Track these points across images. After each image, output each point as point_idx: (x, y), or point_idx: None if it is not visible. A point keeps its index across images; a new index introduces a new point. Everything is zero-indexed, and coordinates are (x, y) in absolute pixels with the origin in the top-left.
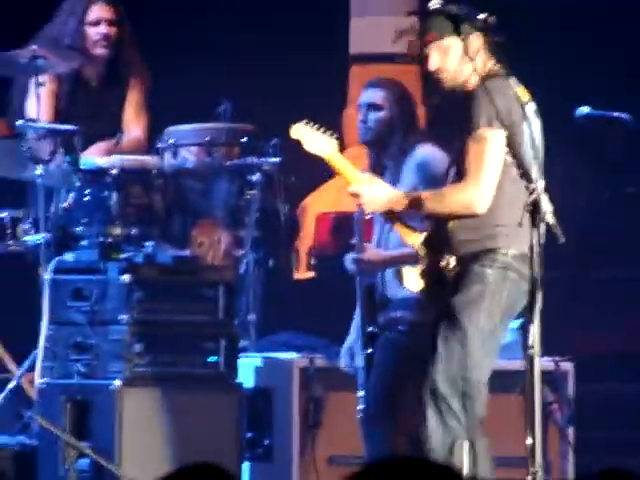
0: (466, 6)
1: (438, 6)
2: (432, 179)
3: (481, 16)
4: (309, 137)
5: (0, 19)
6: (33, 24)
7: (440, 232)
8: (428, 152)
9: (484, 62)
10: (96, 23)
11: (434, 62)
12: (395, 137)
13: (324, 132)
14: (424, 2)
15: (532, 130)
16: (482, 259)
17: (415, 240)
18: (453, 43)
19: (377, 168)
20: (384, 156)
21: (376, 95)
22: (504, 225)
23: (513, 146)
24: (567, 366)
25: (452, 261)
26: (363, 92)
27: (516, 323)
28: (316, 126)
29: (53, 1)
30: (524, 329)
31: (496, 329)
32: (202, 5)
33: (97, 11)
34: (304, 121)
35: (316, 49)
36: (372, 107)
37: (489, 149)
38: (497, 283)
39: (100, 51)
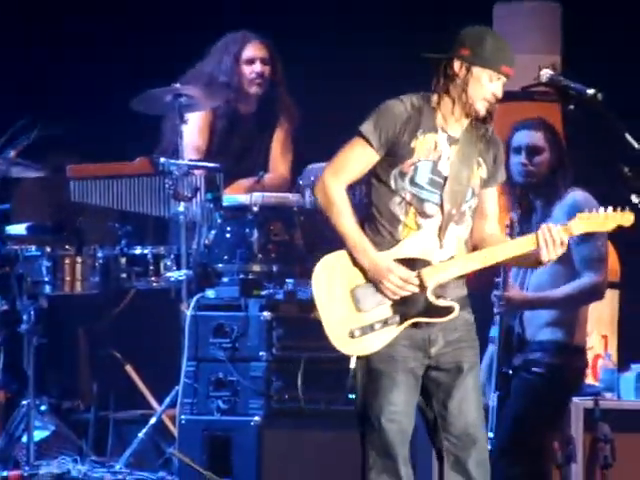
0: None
1: (549, 76)
2: None
3: (590, 91)
4: None
5: (149, 58)
6: (182, 64)
7: None
8: (580, 195)
9: None
10: (251, 61)
11: None
12: (555, 179)
13: None
14: (569, 43)
15: None
16: None
17: None
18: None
19: (523, 207)
20: (535, 197)
21: (536, 137)
22: None
23: None
24: None
25: None
26: (516, 133)
27: None
28: None
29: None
30: None
31: None
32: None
33: (252, 49)
34: None
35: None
36: (534, 149)
37: None
38: None
39: (255, 89)
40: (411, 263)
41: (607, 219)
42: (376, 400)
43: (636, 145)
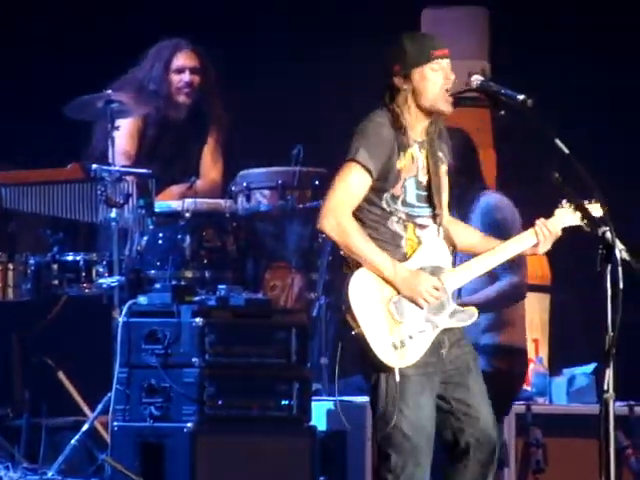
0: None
1: (479, 82)
2: (496, 226)
3: (520, 97)
4: None
5: (80, 64)
6: (114, 69)
7: None
8: (492, 198)
9: None
10: (180, 70)
11: None
12: (456, 188)
13: None
14: (497, 47)
15: None
16: None
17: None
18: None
19: None
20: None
21: None
22: None
23: None
24: None
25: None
26: None
27: (590, 367)
28: None
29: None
30: (598, 373)
31: None
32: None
33: (182, 58)
34: None
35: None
36: None
37: None
38: None
39: (182, 98)
40: (432, 271)
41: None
42: (407, 406)
43: (566, 151)
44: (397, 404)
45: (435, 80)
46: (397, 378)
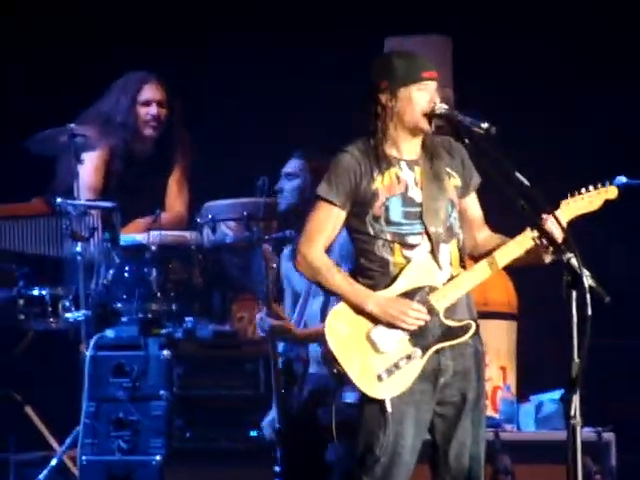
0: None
1: (444, 110)
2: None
3: (484, 125)
4: None
5: (44, 98)
6: (77, 102)
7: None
8: None
9: None
10: (147, 104)
11: None
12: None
13: None
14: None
15: None
16: None
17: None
18: None
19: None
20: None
21: (292, 164)
22: None
23: None
24: (609, 436)
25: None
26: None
27: (557, 394)
28: None
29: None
30: (565, 399)
31: None
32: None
33: (149, 91)
34: None
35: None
36: (288, 175)
37: None
38: None
39: (149, 132)
40: (416, 293)
41: (592, 198)
42: (384, 432)
43: (527, 183)
44: (374, 431)
45: (419, 101)
46: (389, 409)
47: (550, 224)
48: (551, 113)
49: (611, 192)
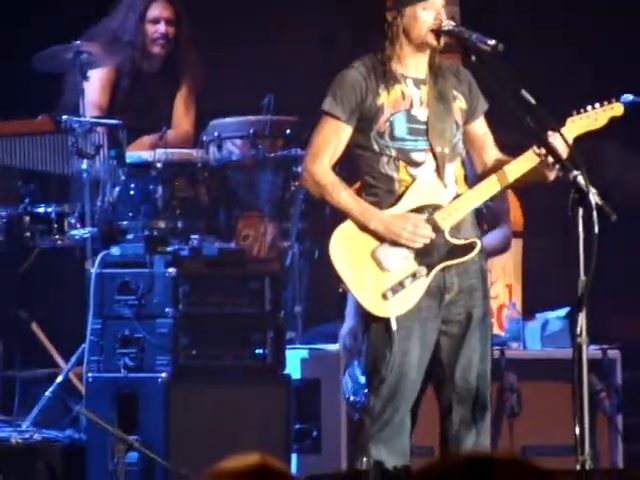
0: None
1: (451, 27)
2: None
3: (491, 42)
4: None
5: (50, 15)
6: (84, 19)
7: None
8: None
9: None
10: (155, 21)
11: None
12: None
13: None
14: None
15: None
16: None
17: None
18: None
19: None
20: None
21: None
22: None
23: None
24: (615, 354)
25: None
26: None
27: (563, 312)
28: None
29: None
30: (572, 317)
31: None
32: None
33: (157, 9)
34: None
35: (362, 43)
36: None
37: None
38: None
39: (157, 50)
40: (421, 211)
41: (598, 115)
42: (390, 350)
43: (533, 101)
44: (381, 349)
45: (425, 19)
46: (394, 327)
47: (555, 141)
48: (558, 34)
49: (617, 109)
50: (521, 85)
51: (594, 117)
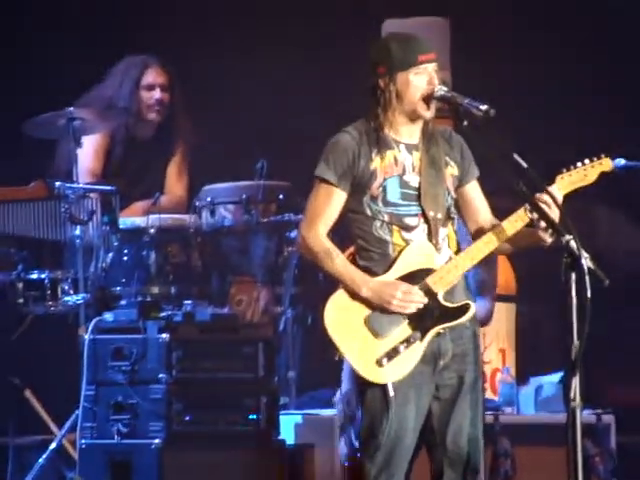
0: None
1: (443, 92)
2: None
3: (483, 107)
4: None
5: (45, 81)
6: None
7: None
8: None
9: None
10: (150, 88)
11: None
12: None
13: None
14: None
15: None
16: None
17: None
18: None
19: None
20: None
21: None
22: None
23: None
24: (608, 418)
25: None
26: None
27: (557, 376)
28: None
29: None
30: (565, 382)
31: None
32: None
33: (152, 75)
34: None
35: (349, 107)
36: None
37: None
38: None
39: (153, 116)
40: (414, 276)
41: (587, 171)
42: (387, 417)
43: (525, 165)
44: (377, 415)
45: (417, 84)
46: (391, 393)
47: (545, 204)
48: (550, 95)
49: (605, 164)
50: (513, 149)
51: (583, 173)
